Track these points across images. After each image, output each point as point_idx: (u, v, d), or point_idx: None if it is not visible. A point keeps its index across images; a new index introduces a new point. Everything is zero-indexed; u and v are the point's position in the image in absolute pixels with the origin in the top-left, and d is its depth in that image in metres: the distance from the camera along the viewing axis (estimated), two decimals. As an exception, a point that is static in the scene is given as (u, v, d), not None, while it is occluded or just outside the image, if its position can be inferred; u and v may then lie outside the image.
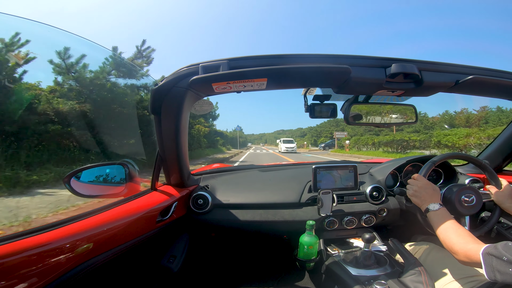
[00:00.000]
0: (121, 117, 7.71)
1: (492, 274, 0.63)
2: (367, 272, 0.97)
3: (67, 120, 6.77)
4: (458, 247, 0.75)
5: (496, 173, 1.09)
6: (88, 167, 0.95)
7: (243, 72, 0.74)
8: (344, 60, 0.80)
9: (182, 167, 1.12)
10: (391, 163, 1.45)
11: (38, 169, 5.48)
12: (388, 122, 1.14)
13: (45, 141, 6.30)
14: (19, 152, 5.54)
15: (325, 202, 1.18)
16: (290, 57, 0.77)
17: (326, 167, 1.31)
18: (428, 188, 0.97)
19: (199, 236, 1.38)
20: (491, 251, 0.65)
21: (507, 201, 1.01)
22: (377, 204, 1.28)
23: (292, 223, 1.22)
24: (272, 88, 0.86)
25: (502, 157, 1.41)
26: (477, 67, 0.88)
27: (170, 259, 1.15)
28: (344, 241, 1.24)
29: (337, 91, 0.91)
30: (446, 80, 0.86)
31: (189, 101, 0.90)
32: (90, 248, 0.73)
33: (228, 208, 1.26)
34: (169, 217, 1.08)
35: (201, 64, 0.76)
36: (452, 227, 0.82)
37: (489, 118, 32.56)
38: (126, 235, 0.86)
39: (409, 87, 0.88)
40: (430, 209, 0.91)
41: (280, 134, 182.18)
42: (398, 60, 0.82)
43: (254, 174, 1.56)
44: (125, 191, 0.99)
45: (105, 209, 0.86)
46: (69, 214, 3.18)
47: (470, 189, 1.03)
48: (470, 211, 1.01)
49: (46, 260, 0.62)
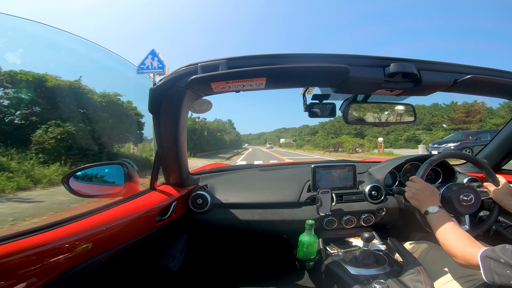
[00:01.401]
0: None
1: (490, 277, 0.63)
2: (366, 271, 0.97)
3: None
4: (457, 251, 0.76)
5: (493, 171, 1.10)
6: (87, 166, 0.94)
7: (242, 71, 0.75)
8: (343, 59, 0.80)
9: (181, 166, 1.12)
10: (390, 162, 1.45)
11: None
12: (387, 122, 1.14)
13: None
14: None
15: (324, 202, 1.18)
16: (289, 57, 0.78)
17: (325, 166, 1.31)
18: (427, 190, 0.97)
19: (198, 235, 1.38)
20: (489, 254, 0.66)
21: (506, 198, 1.01)
22: (376, 203, 1.28)
23: (291, 222, 1.22)
24: (271, 87, 0.86)
25: (500, 156, 1.41)
26: (475, 66, 0.89)
27: (169, 258, 1.15)
28: (343, 240, 1.24)
29: (336, 90, 0.91)
30: (444, 79, 0.86)
31: (188, 100, 0.90)
32: (89, 248, 0.72)
33: (227, 207, 1.26)
34: (168, 217, 1.08)
35: (200, 64, 0.76)
36: (451, 230, 0.82)
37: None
38: (125, 235, 0.86)
39: (408, 87, 0.88)
40: (429, 211, 0.91)
41: (282, 132, 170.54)
42: (396, 59, 0.82)
43: (253, 174, 1.56)
44: (124, 191, 0.99)
45: (104, 209, 0.85)
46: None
47: (469, 188, 1.03)
48: (469, 210, 1.02)
49: (45, 260, 0.62)
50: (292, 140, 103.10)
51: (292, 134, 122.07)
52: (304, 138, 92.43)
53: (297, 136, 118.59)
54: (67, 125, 6.71)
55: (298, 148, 51.48)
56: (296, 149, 46.58)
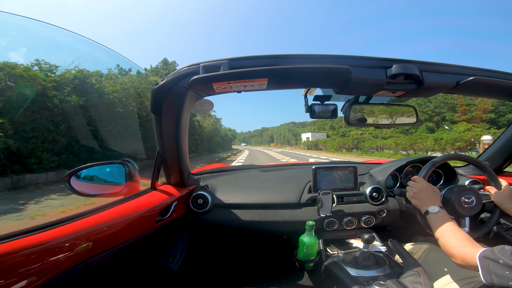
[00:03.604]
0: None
1: (489, 277, 0.63)
2: (366, 273, 0.97)
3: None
4: (456, 250, 0.76)
5: (496, 174, 1.09)
6: (88, 166, 0.94)
7: (244, 72, 0.74)
8: (345, 60, 0.79)
9: (182, 166, 1.12)
10: (391, 163, 1.44)
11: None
12: (388, 123, 1.14)
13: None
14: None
15: (325, 203, 1.18)
16: (290, 57, 0.77)
17: (326, 167, 1.31)
18: (428, 190, 0.97)
19: (198, 235, 1.38)
20: (488, 255, 0.65)
21: (507, 202, 1.01)
22: (377, 205, 1.28)
23: (291, 223, 1.22)
24: (272, 88, 0.86)
25: (502, 158, 1.41)
26: (478, 68, 0.88)
27: (169, 258, 1.15)
28: (343, 241, 1.24)
29: (338, 91, 0.91)
30: (447, 81, 0.86)
31: (190, 100, 0.90)
32: (89, 247, 0.73)
33: (228, 208, 1.26)
34: (169, 217, 1.08)
35: (202, 64, 0.76)
36: (451, 230, 0.82)
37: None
38: (125, 234, 0.86)
39: (410, 88, 0.88)
40: (429, 211, 0.91)
41: (298, 127, 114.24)
42: (399, 60, 0.81)
43: (254, 174, 1.55)
44: (125, 190, 0.99)
45: (104, 208, 0.86)
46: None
47: (470, 190, 1.03)
48: (470, 212, 1.01)
49: (45, 258, 0.62)
50: (325, 135, 61.87)
51: (309, 129, 74.39)
52: (339, 130, 57.87)
53: (324, 129, 70.39)
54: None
55: (348, 152, 27.21)
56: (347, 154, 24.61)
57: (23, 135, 5.88)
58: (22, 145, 5.76)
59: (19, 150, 5.69)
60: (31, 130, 6.08)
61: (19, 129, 5.76)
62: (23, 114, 5.88)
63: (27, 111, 6.03)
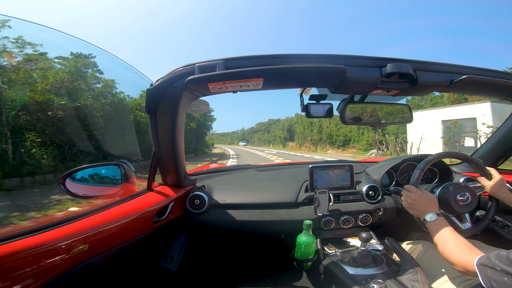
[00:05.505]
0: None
1: (489, 284, 0.63)
2: (364, 271, 0.97)
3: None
4: (455, 258, 0.76)
5: (483, 164, 1.10)
6: (83, 167, 0.94)
7: (239, 72, 0.75)
8: (340, 60, 0.80)
9: (178, 167, 1.12)
10: (387, 162, 1.45)
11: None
12: (383, 122, 1.15)
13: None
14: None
15: (322, 202, 1.18)
16: (286, 57, 0.78)
17: (322, 166, 1.31)
18: (423, 199, 0.97)
19: (196, 236, 1.38)
20: (484, 262, 0.65)
21: (501, 192, 1.02)
22: (373, 203, 1.29)
23: (289, 222, 1.22)
24: (268, 88, 0.86)
25: (496, 155, 1.42)
26: (471, 67, 0.89)
27: (167, 259, 1.15)
28: (341, 240, 1.25)
29: (333, 91, 0.91)
30: (440, 80, 0.87)
31: (185, 101, 0.90)
32: (86, 249, 0.72)
33: (225, 208, 1.25)
34: (166, 218, 1.07)
35: (197, 64, 0.76)
36: (450, 238, 0.81)
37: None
38: (122, 236, 0.86)
39: (404, 87, 0.88)
40: (427, 219, 0.91)
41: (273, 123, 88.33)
42: (393, 60, 0.82)
43: (251, 174, 1.56)
44: (121, 192, 0.98)
45: (101, 210, 0.85)
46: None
47: (465, 187, 1.04)
48: (466, 209, 1.02)
49: (42, 261, 0.62)
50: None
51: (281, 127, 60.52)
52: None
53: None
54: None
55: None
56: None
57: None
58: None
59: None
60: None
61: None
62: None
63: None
